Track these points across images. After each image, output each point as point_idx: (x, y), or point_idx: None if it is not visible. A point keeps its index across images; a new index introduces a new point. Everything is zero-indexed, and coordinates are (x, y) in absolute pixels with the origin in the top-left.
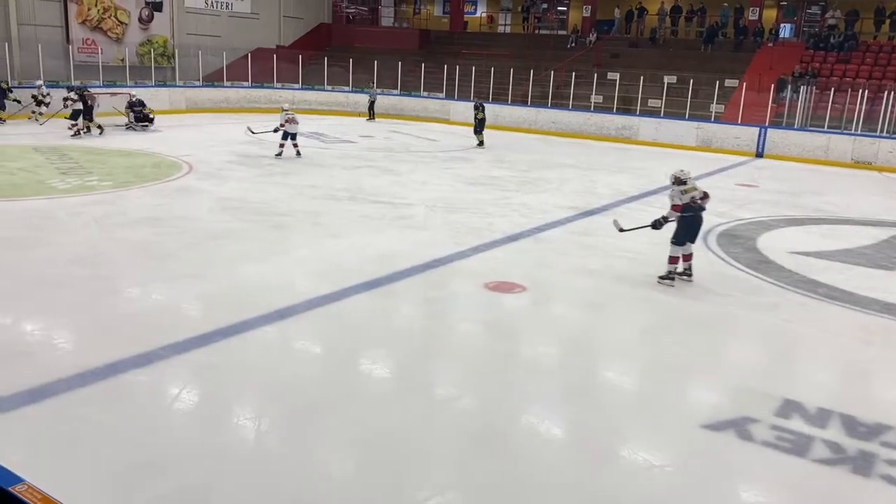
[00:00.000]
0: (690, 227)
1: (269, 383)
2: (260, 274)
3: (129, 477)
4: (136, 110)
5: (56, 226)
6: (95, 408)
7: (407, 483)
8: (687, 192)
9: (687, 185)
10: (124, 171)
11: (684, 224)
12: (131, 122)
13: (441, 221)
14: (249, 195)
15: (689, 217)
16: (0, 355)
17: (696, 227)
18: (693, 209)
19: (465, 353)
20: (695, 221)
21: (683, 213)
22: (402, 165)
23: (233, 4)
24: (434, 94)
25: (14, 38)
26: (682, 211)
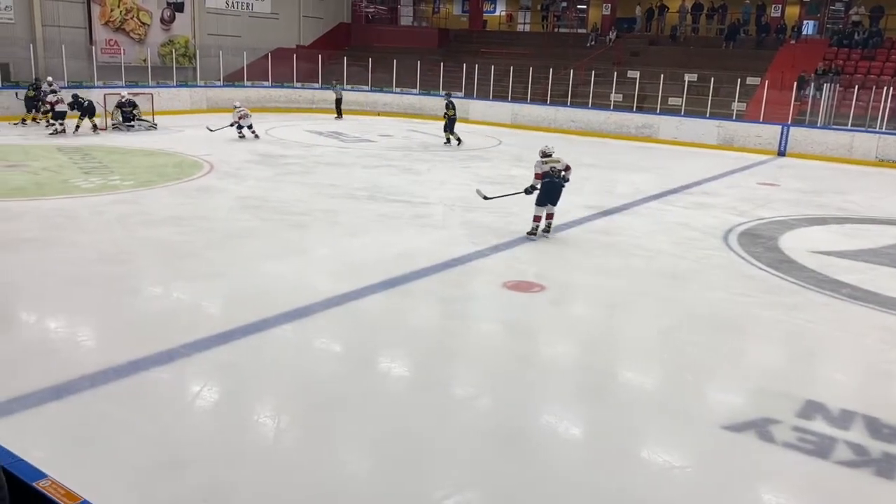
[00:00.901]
0: (548, 192)
1: (288, 381)
2: (279, 272)
3: (151, 473)
4: (126, 111)
5: (79, 225)
6: (118, 405)
7: (425, 482)
8: (547, 164)
9: (550, 158)
10: (146, 171)
11: (543, 189)
12: (118, 122)
13: (459, 220)
14: (269, 194)
15: (547, 183)
16: (24, 353)
17: (553, 192)
18: (551, 177)
19: (484, 352)
20: (552, 187)
21: (543, 179)
22: (420, 164)
23: (253, 5)
24: (454, 94)
25: (38, 39)
26: (542, 178)
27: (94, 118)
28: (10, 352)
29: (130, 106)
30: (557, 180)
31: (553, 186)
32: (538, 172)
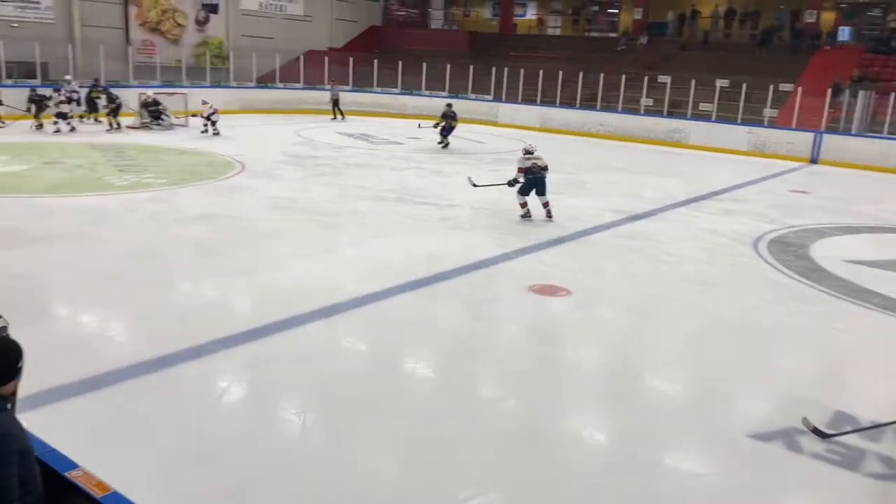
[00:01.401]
0: (531, 183)
1: (314, 380)
2: (308, 272)
3: (178, 467)
4: (151, 110)
5: (113, 221)
6: (147, 398)
7: (449, 482)
8: (530, 160)
9: (532, 156)
10: (179, 169)
11: (527, 182)
12: (146, 122)
13: (486, 223)
14: (299, 195)
15: (530, 178)
16: (58, 346)
17: (536, 183)
18: (533, 172)
19: (509, 355)
20: (535, 180)
21: (526, 174)
22: (448, 167)
23: (286, 7)
24: (482, 97)
25: (77, 39)
26: (525, 172)
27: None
28: (44, 345)
29: (155, 105)
30: (539, 175)
31: (536, 180)
32: (521, 167)
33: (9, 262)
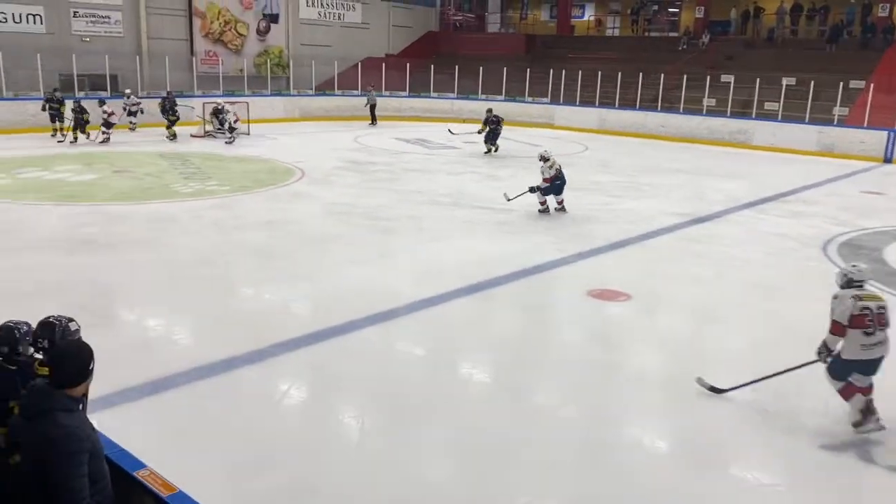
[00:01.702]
0: (557, 187)
1: (372, 384)
2: (365, 277)
3: (240, 468)
4: (220, 118)
5: (179, 228)
6: (212, 400)
7: (506, 489)
8: (552, 167)
9: (550, 161)
10: (241, 177)
11: (553, 187)
12: (216, 129)
13: (543, 227)
14: (357, 200)
15: (556, 183)
16: (127, 348)
17: (559, 186)
18: (558, 177)
19: (567, 361)
20: (561, 184)
21: (552, 182)
22: (504, 171)
23: (344, 15)
24: (539, 100)
25: (144, 51)
26: (552, 181)
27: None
28: (114, 347)
29: (223, 112)
30: (561, 179)
31: (561, 183)
32: (547, 178)
33: (83, 267)
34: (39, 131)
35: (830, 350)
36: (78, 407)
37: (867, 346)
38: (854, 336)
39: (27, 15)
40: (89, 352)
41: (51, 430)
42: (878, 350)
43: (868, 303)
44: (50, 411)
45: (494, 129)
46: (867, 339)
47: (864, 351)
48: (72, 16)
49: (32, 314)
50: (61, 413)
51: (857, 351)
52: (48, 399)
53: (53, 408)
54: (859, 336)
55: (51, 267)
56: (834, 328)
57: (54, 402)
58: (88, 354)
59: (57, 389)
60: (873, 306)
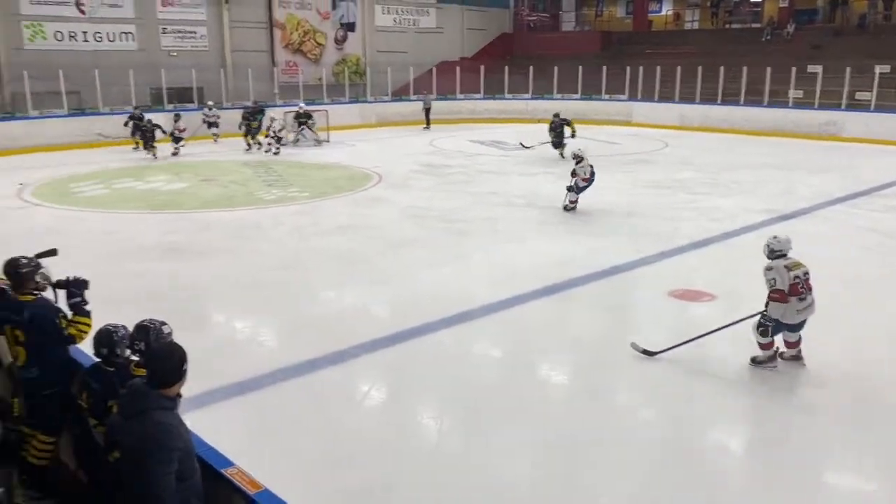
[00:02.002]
0: (590, 185)
1: (449, 386)
2: (441, 279)
3: (323, 467)
4: (302, 121)
5: (262, 234)
6: (296, 401)
7: (584, 491)
8: (586, 165)
9: (584, 161)
10: (321, 183)
11: (585, 185)
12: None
13: (621, 227)
14: (433, 203)
15: (592, 181)
16: (215, 350)
17: (592, 183)
18: (592, 174)
19: (648, 363)
20: (592, 181)
21: (589, 181)
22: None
23: (419, 21)
24: (615, 97)
25: (228, 64)
26: (589, 181)
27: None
28: (204, 349)
29: (306, 117)
30: (593, 178)
31: (593, 180)
32: (585, 177)
33: (174, 272)
34: (133, 143)
35: (776, 319)
36: (173, 406)
37: (801, 311)
38: (791, 302)
39: (120, 33)
40: (183, 353)
41: (147, 428)
42: (808, 312)
43: (797, 271)
44: (147, 410)
45: (560, 132)
46: (801, 304)
47: (798, 315)
48: (160, 32)
49: (129, 318)
50: (157, 412)
51: (794, 315)
52: (145, 398)
53: (150, 407)
54: (795, 302)
55: (145, 272)
56: (780, 297)
57: (151, 401)
58: (182, 356)
59: (153, 389)
60: (801, 274)
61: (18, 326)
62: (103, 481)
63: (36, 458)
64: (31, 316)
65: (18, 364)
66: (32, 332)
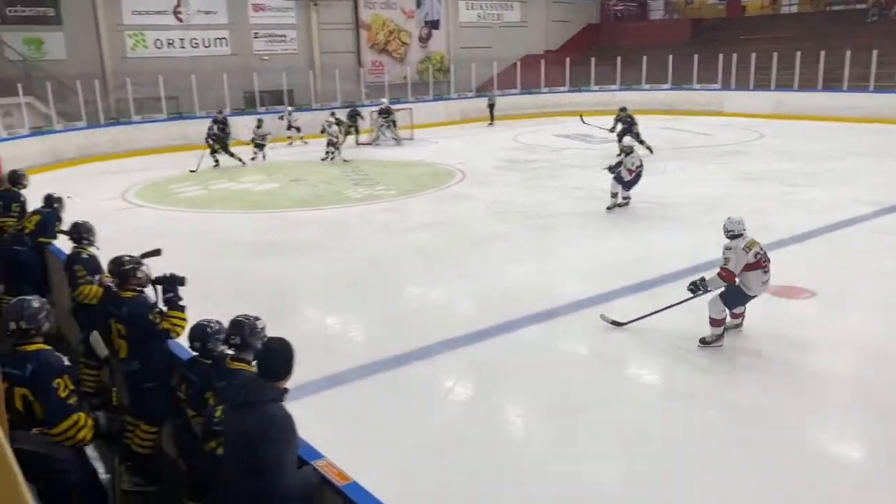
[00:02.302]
0: (636, 181)
1: (536, 383)
2: (526, 275)
3: (411, 460)
4: (384, 117)
5: (350, 231)
6: (384, 395)
7: (673, 492)
8: (634, 159)
9: (633, 153)
10: (406, 181)
11: (634, 178)
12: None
13: (713, 220)
14: (517, 199)
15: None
16: (305, 345)
17: (639, 179)
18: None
19: (743, 362)
20: (638, 177)
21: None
22: (669, 163)
23: (503, 15)
24: (707, 86)
25: (317, 66)
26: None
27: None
28: (295, 344)
29: (388, 113)
30: (641, 172)
31: (640, 176)
32: (632, 169)
33: (266, 269)
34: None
35: (708, 289)
36: (283, 399)
37: (765, 283)
38: (755, 276)
39: (215, 39)
40: (292, 349)
41: (266, 419)
42: (768, 284)
43: (755, 248)
44: (263, 402)
45: (629, 128)
46: (765, 276)
47: (762, 286)
48: (252, 37)
49: (225, 313)
50: (272, 404)
51: (759, 287)
52: (263, 390)
53: (266, 399)
54: (759, 275)
55: (239, 269)
56: (727, 276)
57: (267, 393)
58: (292, 351)
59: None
60: (760, 249)
61: (120, 321)
62: (202, 469)
63: (140, 447)
64: (128, 311)
65: (121, 357)
66: (130, 326)
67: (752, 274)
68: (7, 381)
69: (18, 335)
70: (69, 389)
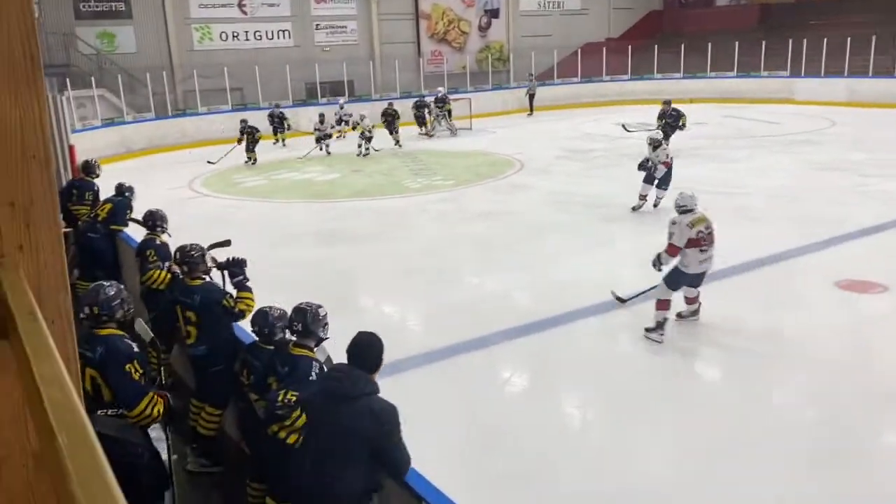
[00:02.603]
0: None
1: (593, 375)
2: (585, 266)
3: (467, 450)
4: (440, 106)
5: (407, 221)
6: (440, 385)
7: (732, 489)
8: (667, 149)
9: (664, 145)
10: (464, 171)
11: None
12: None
13: (783, 212)
14: (576, 189)
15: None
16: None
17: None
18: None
19: (811, 359)
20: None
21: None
22: (736, 152)
23: (564, 2)
24: (775, 73)
25: (377, 56)
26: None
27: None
28: (350, 332)
29: (443, 101)
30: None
31: (671, 172)
32: (666, 162)
33: (327, 258)
34: (291, 136)
35: (662, 263)
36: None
37: (702, 262)
38: (693, 254)
39: (278, 31)
40: (382, 342)
41: (378, 411)
42: (707, 264)
43: (700, 226)
44: (369, 394)
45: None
46: (702, 255)
47: (699, 265)
48: (314, 28)
49: (287, 301)
50: (375, 396)
51: (696, 265)
52: (367, 383)
53: (370, 391)
54: (697, 254)
55: (301, 258)
56: (671, 250)
57: (370, 386)
58: (382, 343)
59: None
60: (703, 228)
61: (190, 308)
62: (264, 452)
63: (205, 429)
64: (201, 299)
65: (189, 342)
66: (203, 313)
67: (691, 251)
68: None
69: (92, 320)
70: (139, 373)
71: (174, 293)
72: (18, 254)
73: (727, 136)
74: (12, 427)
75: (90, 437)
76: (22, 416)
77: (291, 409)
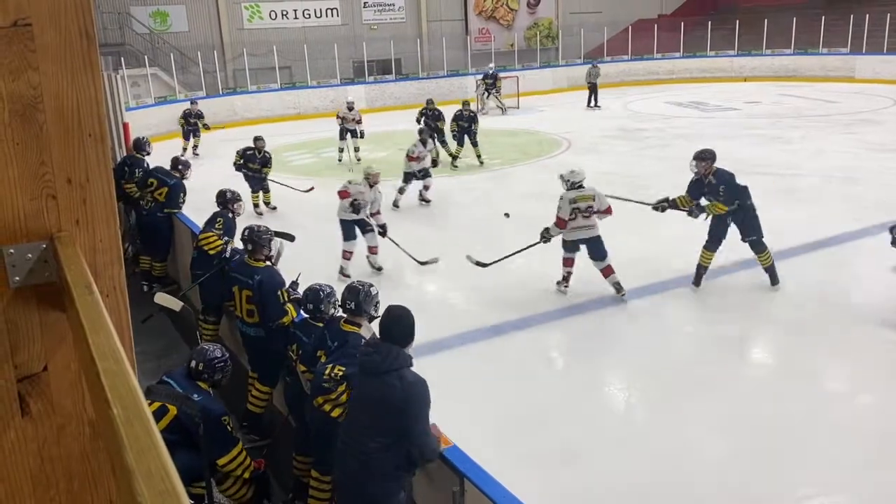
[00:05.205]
0: None
1: (640, 356)
2: (631, 247)
3: (510, 426)
4: (488, 83)
5: (452, 200)
6: (484, 363)
7: (786, 477)
8: None
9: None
10: (511, 150)
11: None
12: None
13: (839, 193)
14: (625, 169)
15: None
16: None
17: None
18: None
19: (866, 346)
20: None
21: None
22: (791, 132)
23: None
24: (835, 50)
25: (424, 34)
26: None
27: None
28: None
29: (492, 78)
30: None
31: None
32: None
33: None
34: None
35: (551, 235)
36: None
37: (571, 230)
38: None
39: (326, 9)
40: (412, 316)
41: (408, 384)
42: (579, 233)
43: (579, 204)
44: (403, 367)
45: None
46: (573, 223)
47: (569, 233)
48: (362, 6)
49: (336, 278)
50: (408, 370)
51: (568, 233)
52: (401, 357)
53: (405, 364)
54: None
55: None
56: (559, 223)
57: (405, 359)
58: (413, 317)
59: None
60: (583, 206)
61: (248, 288)
62: (309, 425)
63: (255, 407)
64: (259, 281)
65: (245, 320)
66: (259, 295)
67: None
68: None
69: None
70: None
71: (226, 264)
72: (75, 228)
73: (781, 115)
74: (70, 396)
75: (143, 408)
76: (79, 386)
77: (338, 383)
